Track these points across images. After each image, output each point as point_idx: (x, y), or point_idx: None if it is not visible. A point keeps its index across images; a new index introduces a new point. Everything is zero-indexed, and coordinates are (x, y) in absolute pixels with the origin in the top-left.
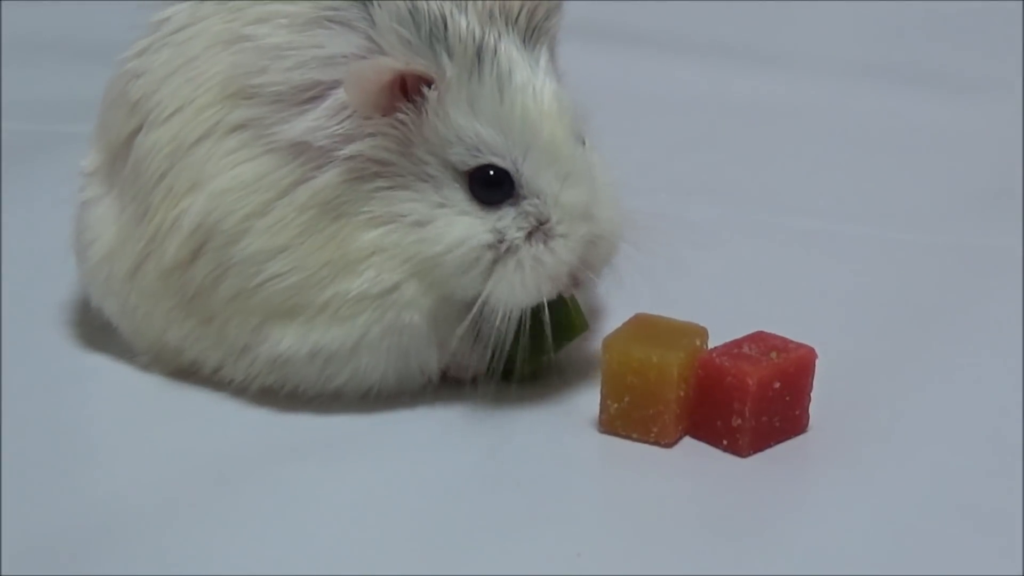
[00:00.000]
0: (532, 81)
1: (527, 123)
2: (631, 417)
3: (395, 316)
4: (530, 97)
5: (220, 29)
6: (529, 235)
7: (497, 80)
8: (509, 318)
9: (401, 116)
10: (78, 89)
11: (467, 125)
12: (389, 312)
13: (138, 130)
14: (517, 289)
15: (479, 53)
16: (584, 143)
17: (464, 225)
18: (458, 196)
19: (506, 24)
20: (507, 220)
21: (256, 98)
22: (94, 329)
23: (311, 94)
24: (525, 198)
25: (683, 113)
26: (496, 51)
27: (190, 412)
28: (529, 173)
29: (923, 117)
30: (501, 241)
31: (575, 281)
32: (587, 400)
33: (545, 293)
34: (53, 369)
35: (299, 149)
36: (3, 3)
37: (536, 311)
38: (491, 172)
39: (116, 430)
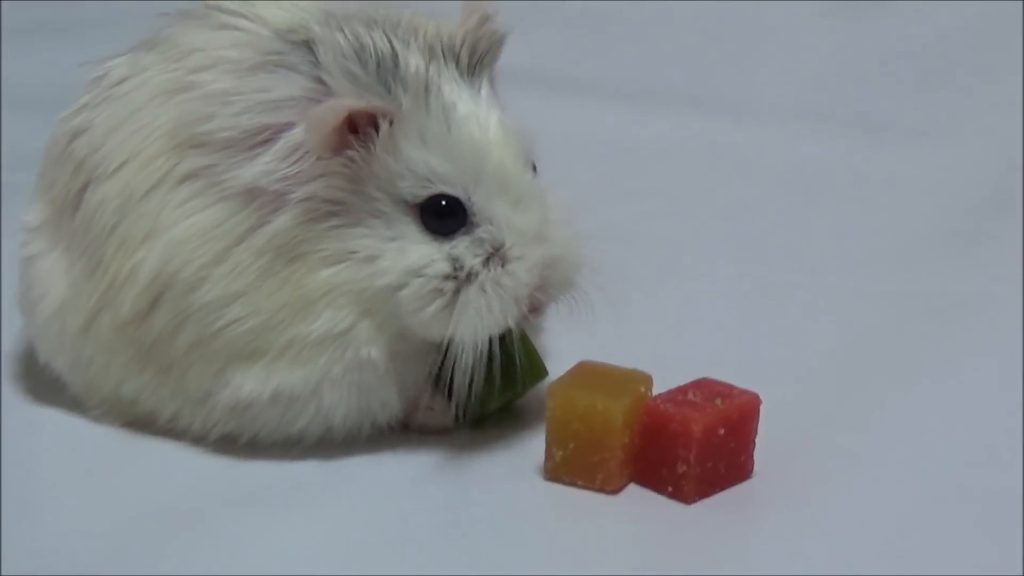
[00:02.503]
0: (476, 111)
1: (475, 151)
2: (576, 464)
3: (355, 354)
4: (476, 126)
5: (163, 79)
6: (486, 261)
7: (443, 111)
8: (478, 352)
9: (351, 153)
10: (20, 140)
11: (417, 157)
12: (349, 350)
13: (85, 187)
14: (483, 315)
15: (427, 86)
16: (534, 168)
17: (418, 254)
18: (410, 229)
19: (446, 58)
20: (461, 248)
21: (206, 146)
22: (41, 383)
23: (261, 138)
24: (478, 225)
25: (631, 160)
26: (440, 84)
27: (144, 462)
28: (480, 200)
29: (876, 164)
30: (459, 269)
31: (536, 305)
32: (533, 447)
33: (510, 318)
34: (3, 422)
35: (252, 195)
36: None
37: (500, 349)
38: (443, 202)
39: (69, 481)
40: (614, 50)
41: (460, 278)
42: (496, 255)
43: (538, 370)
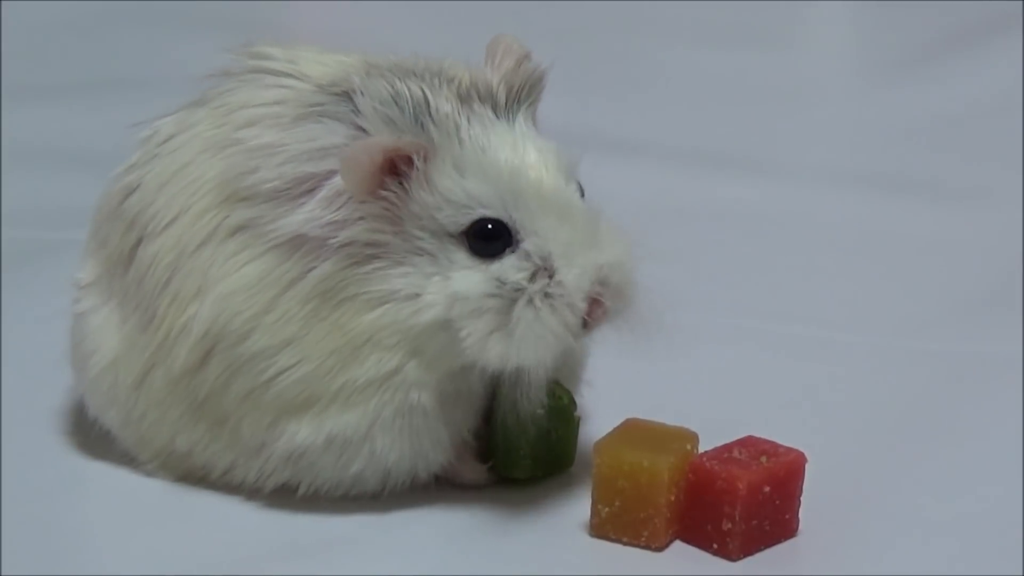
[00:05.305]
0: (511, 138)
1: (511, 170)
2: (622, 521)
3: (404, 396)
4: (511, 149)
5: (211, 134)
6: (533, 275)
7: (476, 140)
8: (542, 372)
9: (387, 194)
10: (73, 197)
11: (453, 185)
12: (398, 393)
13: (138, 243)
14: (536, 330)
15: (457, 123)
16: (578, 184)
17: (460, 279)
18: (458, 258)
19: (480, 101)
20: (506, 265)
21: (252, 198)
22: (91, 438)
23: (306, 187)
24: (524, 241)
25: (672, 220)
26: (471, 120)
27: (194, 515)
28: (523, 217)
29: (914, 224)
30: (503, 286)
31: (594, 311)
32: (578, 504)
33: (569, 328)
34: (54, 476)
35: (298, 243)
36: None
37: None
38: (488, 225)
39: (120, 535)
40: (654, 110)
41: (504, 296)
42: (543, 268)
43: (563, 460)
